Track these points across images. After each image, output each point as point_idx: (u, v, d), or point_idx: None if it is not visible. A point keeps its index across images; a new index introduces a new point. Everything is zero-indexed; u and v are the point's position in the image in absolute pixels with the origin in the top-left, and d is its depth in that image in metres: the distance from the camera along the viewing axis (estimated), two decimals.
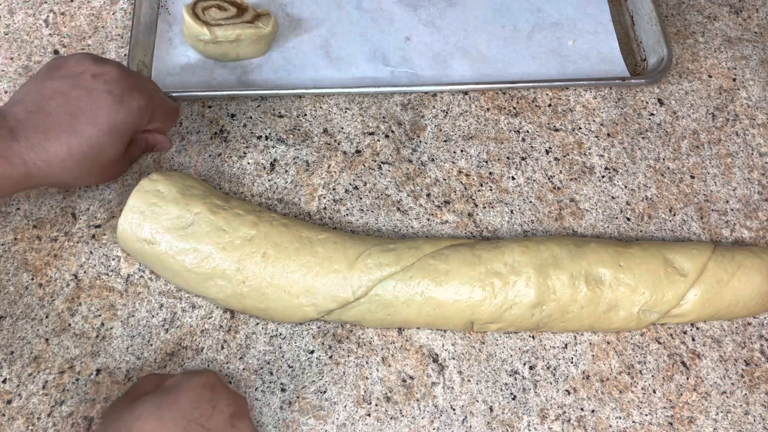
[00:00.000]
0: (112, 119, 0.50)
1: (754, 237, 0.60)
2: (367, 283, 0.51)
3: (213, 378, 0.45)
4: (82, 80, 0.50)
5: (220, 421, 0.42)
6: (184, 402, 0.41)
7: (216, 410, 0.42)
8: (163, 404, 0.41)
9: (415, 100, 0.65)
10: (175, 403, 0.41)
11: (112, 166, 0.53)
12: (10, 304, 0.53)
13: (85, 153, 0.49)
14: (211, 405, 0.42)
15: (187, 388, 0.43)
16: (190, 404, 0.42)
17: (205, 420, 0.42)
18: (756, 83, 0.68)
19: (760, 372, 0.54)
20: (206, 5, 0.64)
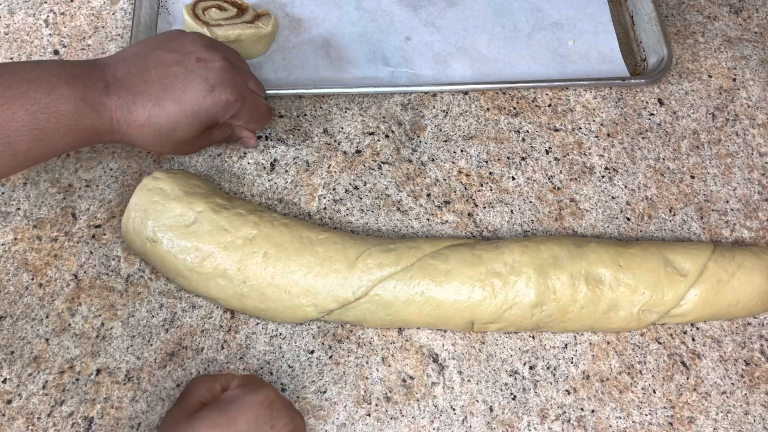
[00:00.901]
0: (196, 104, 0.52)
1: (754, 237, 0.60)
2: (367, 283, 0.51)
3: (272, 395, 0.44)
4: (187, 60, 0.52)
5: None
6: (242, 422, 0.41)
7: (274, 429, 0.43)
8: (221, 422, 0.41)
9: (415, 100, 0.65)
10: (234, 422, 0.41)
11: (184, 144, 0.54)
12: (10, 304, 0.53)
13: (162, 126, 0.51)
14: (270, 425, 0.42)
15: (245, 405, 0.42)
16: (247, 424, 0.41)
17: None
18: (756, 83, 0.68)
19: (760, 372, 0.54)
20: (206, 5, 0.64)
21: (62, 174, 0.59)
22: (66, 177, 0.59)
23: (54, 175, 0.59)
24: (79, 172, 0.59)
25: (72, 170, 0.59)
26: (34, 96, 0.46)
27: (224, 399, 0.44)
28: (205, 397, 0.45)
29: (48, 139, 0.48)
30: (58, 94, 0.47)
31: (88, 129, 0.49)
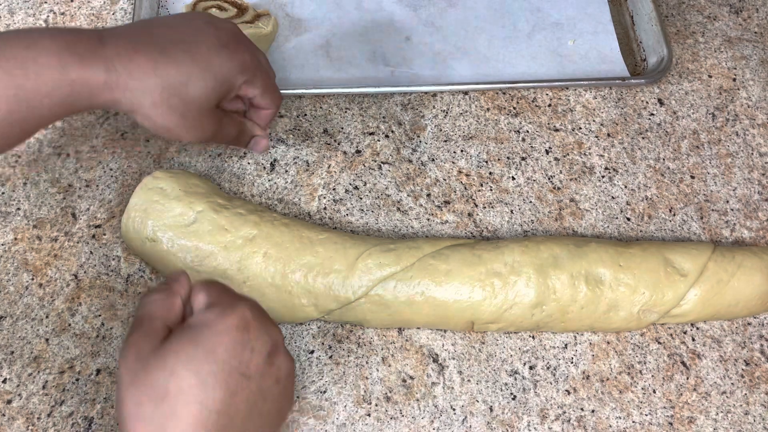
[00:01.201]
0: (209, 57, 0.47)
1: (754, 237, 0.60)
2: (367, 283, 0.51)
3: (247, 313, 0.39)
4: (195, 22, 0.49)
5: (260, 364, 0.39)
6: (221, 352, 0.37)
7: (254, 353, 0.39)
8: (198, 355, 0.37)
9: (415, 100, 0.65)
10: (211, 354, 0.37)
11: (199, 112, 0.48)
12: (10, 304, 0.53)
13: (171, 76, 0.46)
14: (249, 349, 0.39)
15: (221, 332, 0.38)
16: (226, 353, 0.38)
17: (244, 368, 0.38)
18: (756, 83, 0.68)
19: (760, 372, 0.54)
20: (206, 5, 0.64)
21: (62, 174, 0.59)
22: (66, 177, 0.59)
23: (54, 175, 0.59)
24: (79, 172, 0.59)
25: (72, 170, 0.59)
26: (9, 52, 0.41)
27: (195, 325, 0.39)
28: (168, 319, 0.40)
29: (29, 100, 0.42)
30: (38, 47, 0.42)
31: (77, 83, 0.43)
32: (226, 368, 0.37)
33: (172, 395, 0.36)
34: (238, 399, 0.38)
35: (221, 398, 0.37)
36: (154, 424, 0.36)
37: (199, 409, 0.36)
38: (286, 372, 0.42)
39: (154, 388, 0.37)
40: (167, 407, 0.36)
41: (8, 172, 0.59)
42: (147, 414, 0.36)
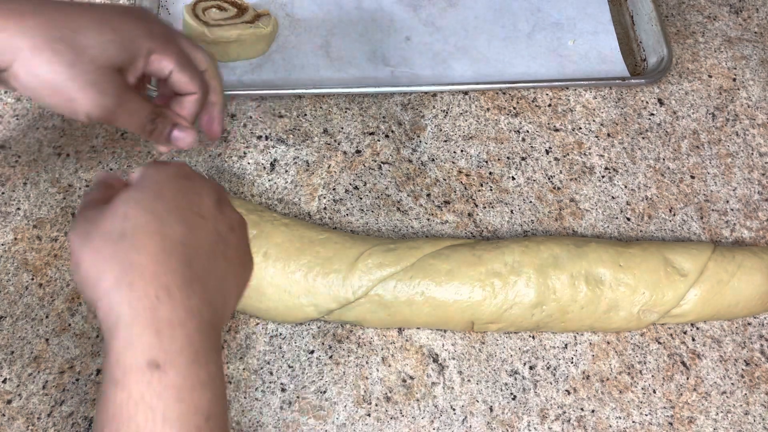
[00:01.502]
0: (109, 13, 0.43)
1: (754, 237, 0.60)
2: (367, 283, 0.51)
3: (185, 167, 0.39)
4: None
5: (210, 208, 0.38)
6: (169, 193, 0.36)
7: (202, 197, 0.38)
8: (147, 197, 0.36)
9: (415, 100, 0.65)
10: (160, 196, 0.36)
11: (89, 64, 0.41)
12: (10, 304, 0.53)
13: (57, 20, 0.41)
14: (197, 193, 0.38)
15: (164, 179, 0.37)
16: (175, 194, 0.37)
17: (197, 207, 0.37)
18: (756, 83, 0.68)
19: (760, 372, 0.54)
20: (206, 5, 0.64)
21: (62, 174, 0.59)
22: (66, 177, 0.59)
23: (54, 175, 0.59)
24: (79, 172, 0.59)
25: (72, 170, 0.59)
26: None
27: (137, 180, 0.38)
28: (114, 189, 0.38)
29: None
30: None
31: None
32: (177, 206, 0.36)
33: (129, 232, 0.34)
34: (198, 235, 0.36)
35: (181, 231, 0.36)
36: (117, 262, 0.34)
37: (161, 239, 0.35)
38: (239, 222, 0.40)
39: (110, 234, 0.35)
40: (128, 243, 0.34)
41: (8, 172, 0.59)
42: (108, 254, 0.34)
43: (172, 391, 0.33)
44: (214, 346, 0.36)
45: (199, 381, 0.34)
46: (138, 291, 0.33)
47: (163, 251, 0.34)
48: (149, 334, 0.33)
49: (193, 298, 0.35)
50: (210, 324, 0.35)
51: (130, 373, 0.33)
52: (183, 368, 0.33)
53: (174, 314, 0.34)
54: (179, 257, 0.35)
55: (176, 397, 0.33)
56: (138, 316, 0.33)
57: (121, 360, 0.33)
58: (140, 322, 0.33)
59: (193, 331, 0.34)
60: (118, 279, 0.34)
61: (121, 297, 0.33)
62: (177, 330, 0.33)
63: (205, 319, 0.35)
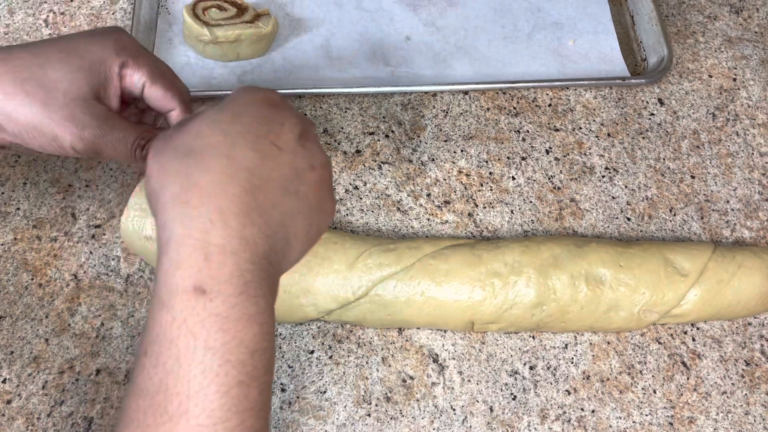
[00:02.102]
0: (72, 40, 0.43)
1: (754, 237, 0.60)
2: (367, 283, 0.51)
3: (275, 95, 0.38)
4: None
5: (290, 141, 0.36)
6: (248, 117, 0.35)
7: (284, 128, 0.36)
8: (224, 118, 0.35)
9: (415, 100, 0.65)
10: (239, 118, 0.35)
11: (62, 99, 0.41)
12: (10, 304, 0.53)
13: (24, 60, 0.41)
14: (278, 123, 0.36)
15: (247, 103, 0.36)
16: (255, 120, 0.35)
17: (274, 137, 0.36)
18: (756, 83, 0.68)
19: (761, 372, 0.54)
20: (206, 5, 0.64)
21: (62, 174, 0.59)
22: (66, 177, 0.59)
23: (54, 175, 0.59)
24: (79, 172, 0.59)
25: (72, 170, 0.59)
26: None
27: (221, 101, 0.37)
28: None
29: None
30: None
31: None
32: (254, 131, 0.35)
33: (197, 150, 0.34)
34: (270, 165, 0.35)
35: (251, 157, 0.34)
36: (181, 175, 0.33)
37: (227, 163, 0.34)
38: (322, 162, 0.38)
39: (179, 148, 0.34)
40: (193, 160, 0.34)
41: (8, 172, 0.59)
42: (173, 168, 0.34)
43: (216, 320, 0.32)
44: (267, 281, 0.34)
45: (245, 314, 0.32)
46: (193, 211, 0.32)
47: (226, 175, 0.33)
48: (198, 257, 0.32)
49: (249, 228, 0.33)
50: (266, 259, 0.34)
51: (175, 295, 0.32)
52: (230, 298, 0.32)
53: (226, 240, 0.32)
54: (243, 183, 0.34)
55: (220, 326, 0.32)
56: (189, 236, 0.32)
57: (168, 280, 0.32)
58: (191, 244, 0.32)
59: (244, 262, 0.33)
60: (176, 195, 0.33)
61: (176, 214, 0.33)
62: (228, 257, 0.32)
63: (260, 252, 0.34)
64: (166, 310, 0.32)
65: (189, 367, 0.31)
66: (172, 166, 0.34)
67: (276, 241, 0.35)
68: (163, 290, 0.32)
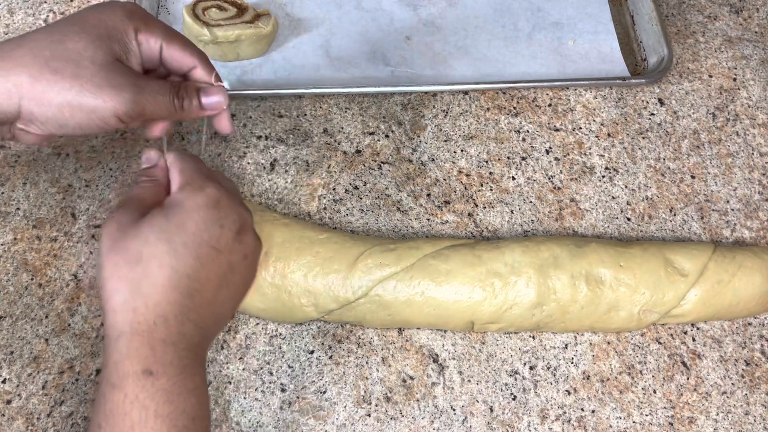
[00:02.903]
0: (83, 13, 0.43)
1: (754, 237, 0.60)
2: (367, 283, 0.50)
3: (215, 193, 0.42)
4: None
5: (228, 240, 0.41)
6: (191, 225, 0.40)
7: (224, 230, 0.41)
8: (170, 228, 0.39)
9: (415, 100, 0.65)
10: (182, 227, 0.40)
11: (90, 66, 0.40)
12: (10, 304, 0.53)
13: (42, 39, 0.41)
14: (219, 225, 0.41)
15: (191, 209, 0.40)
16: (197, 227, 0.40)
17: (214, 241, 0.40)
18: (756, 83, 0.68)
19: (761, 372, 0.54)
20: (206, 5, 0.64)
21: (62, 174, 0.59)
22: (66, 177, 0.59)
23: (54, 175, 0.59)
24: (79, 172, 0.59)
25: (72, 170, 0.59)
26: None
27: (168, 204, 0.41)
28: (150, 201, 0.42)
29: None
30: None
31: None
32: (196, 240, 0.40)
33: (145, 259, 0.39)
34: (209, 269, 0.40)
35: (192, 265, 0.39)
36: (130, 282, 0.39)
37: (170, 272, 0.39)
38: (253, 249, 0.44)
39: (130, 252, 0.39)
40: (141, 269, 0.39)
41: (8, 172, 0.59)
42: (123, 274, 0.39)
43: (162, 394, 0.38)
44: (200, 360, 0.41)
45: (186, 388, 0.39)
46: (140, 316, 0.38)
47: (169, 283, 0.39)
48: (145, 348, 0.38)
49: (187, 325, 0.39)
50: (200, 345, 0.41)
51: (126, 378, 0.38)
52: (173, 377, 0.39)
53: (167, 336, 0.39)
54: (183, 290, 0.39)
55: (166, 399, 0.38)
56: (137, 334, 0.38)
57: (119, 368, 0.38)
58: (138, 340, 0.38)
59: (182, 350, 0.39)
60: (125, 302, 0.38)
61: (125, 317, 0.38)
62: (169, 347, 0.39)
63: (195, 342, 0.40)
64: (118, 389, 0.38)
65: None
66: (122, 271, 0.39)
67: (208, 329, 0.42)
68: (114, 375, 0.38)
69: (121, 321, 0.38)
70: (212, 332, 0.43)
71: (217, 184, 0.43)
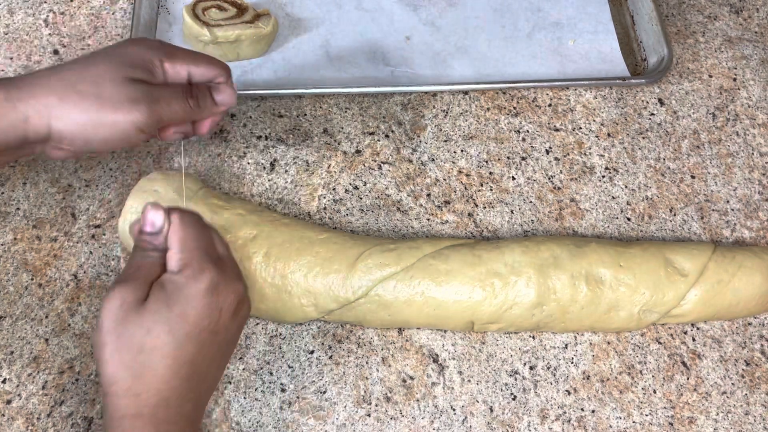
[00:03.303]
0: (110, 47, 0.48)
1: (754, 237, 0.60)
2: (367, 283, 0.50)
3: (214, 277, 0.43)
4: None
5: (226, 321, 0.43)
6: (192, 314, 0.41)
7: (222, 312, 0.43)
8: (172, 318, 0.41)
9: (415, 100, 0.65)
10: (184, 317, 0.41)
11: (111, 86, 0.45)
12: (10, 304, 0.53)
13: (68, 68, 0.46)
14: (218, 309, 0.43)
15: (191, 297, 0.42)
16: (198, 316, 0.42)
17: (213, 326, 0.42)
18: (756, 83, 0.68)
19: (761, 372, 0.54)
20: (206, 5, 0.64)
21: (62, 174, 0.59)
22: (66, 177, 0.59)
23: (53, 175, 0.59)
24: (79, 172, 0.59)
25: (72, 170, 0.59)
26: None
27: (170, 288, 0.42)
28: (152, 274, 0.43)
29: None
30: None
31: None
32: (197, 328, 0.42)
33: (148, 349, 0.40)
34: (206, 351, 0.42)
35: (192, 352, 0.41)
36: (133, 371, 0.40)
37: (172, 362, 0.41)
38: (245, 317, 0.46)
39: (133, 341, 0.40)
40: (144, 358, 0.40)
41: (8, 172, 0.59)
42: (126, 362, 0.40)
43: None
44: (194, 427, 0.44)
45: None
46: (142, 401, 0.40)
47: (171, 372, 0.41)
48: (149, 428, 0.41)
49: (186, 406, 0.42)
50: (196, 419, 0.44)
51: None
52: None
53: (169, 417, 0.41)
54: (184, 375, 0.41)
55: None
56: (139, 417, 0.40)
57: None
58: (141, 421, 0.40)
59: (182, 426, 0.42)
60: (129, 388, 0.40)
61: (128, 402, 0.40)
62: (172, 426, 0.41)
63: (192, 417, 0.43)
64: None
65: None
66: (126, 357, 0.40)
67: (203, 401, 0.44)
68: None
69: (124, 405, 0.40)
70: (206, 400, 0.45)
71: (215, 264, 0.43)
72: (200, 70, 0.50)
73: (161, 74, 0.48)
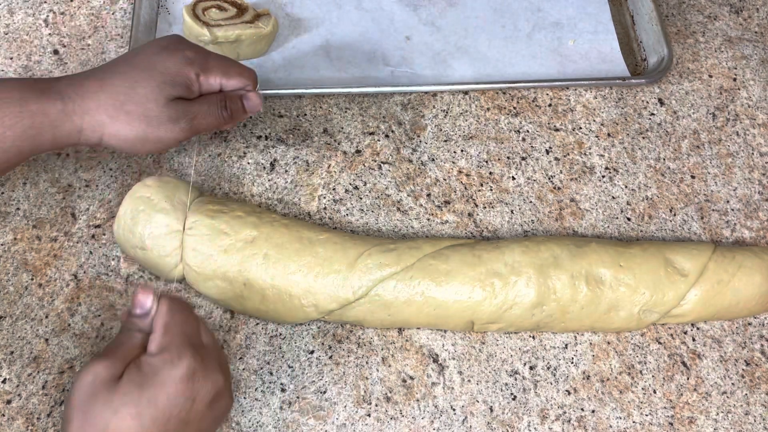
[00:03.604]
0: (150, 60, 0.51)
1: (754, 237, 0.60)
2: (367, 283, 0.50)
3: (192, 364, 0.42)
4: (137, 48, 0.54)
5: (199, 411, 0.42)
6: (163, 400, 0.40)
7: (195, 403, 0.42)
8: (141, 402, 0.40)
9: (415, 100, 0.65)
10: (154, 402, 0.40)
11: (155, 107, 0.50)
12: (10, 304, 0.53)
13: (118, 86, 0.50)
14: (191, 400, 0.41)
15: (165, 382, 0.41)
16: (168, 402, 0.41)
17: (184, 414, 0.41)
18: (756, 83, 0.68)
19: (761, 372, 0.54)
20: (206, 5, 0.64)
21: (62, 174, 0.59)
22: (66, 177, 0.59)
23: (54, 175, 0.59)
24: (79, 172, 0.59)
25: (72, 170, 0.59)
26: None
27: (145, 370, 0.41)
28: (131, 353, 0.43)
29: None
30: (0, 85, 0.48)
31: (37, 115, 0.47)
32: (166, 414, 0.40)
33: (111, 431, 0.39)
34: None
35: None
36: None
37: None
38: (224, 410, 0.45)
39: (98, 420, 0.40)
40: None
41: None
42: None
43: None
44: None
45: None
46: None
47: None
48: None
49: None
50: None
51: None
52: None
53: None
54: None
55: None
56: None
57: None
58: None
59: None
60: None
61: None
62: None
63: None
64: None
65: None
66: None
67: None
68: None
69: None
70: None
71: (195, 352, 0.43)
72: (232, 83, 0.54)
73: (197, 88, 0.52)
